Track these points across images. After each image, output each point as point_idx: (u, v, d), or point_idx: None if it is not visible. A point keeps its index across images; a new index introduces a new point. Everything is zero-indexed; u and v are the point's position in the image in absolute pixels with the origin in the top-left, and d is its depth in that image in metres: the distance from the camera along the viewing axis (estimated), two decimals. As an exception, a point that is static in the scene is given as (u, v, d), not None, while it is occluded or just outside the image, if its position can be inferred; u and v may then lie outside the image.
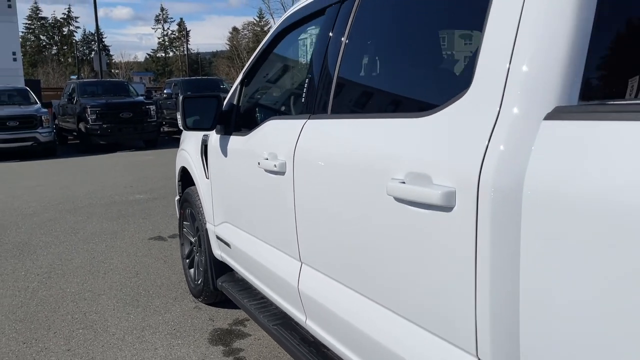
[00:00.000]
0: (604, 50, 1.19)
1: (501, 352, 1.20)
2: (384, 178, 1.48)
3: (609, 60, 1.21)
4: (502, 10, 1.24)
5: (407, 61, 1.81)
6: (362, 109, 1.95)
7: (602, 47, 1.16)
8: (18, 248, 5.19)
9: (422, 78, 1.70)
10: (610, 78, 1.22)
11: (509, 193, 1.13)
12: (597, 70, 1.17)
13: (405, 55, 1.83)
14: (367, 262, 1.65)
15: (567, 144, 1.05)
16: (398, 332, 1.52)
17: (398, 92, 1.80)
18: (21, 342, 3.18)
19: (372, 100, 1.95)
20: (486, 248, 1.19)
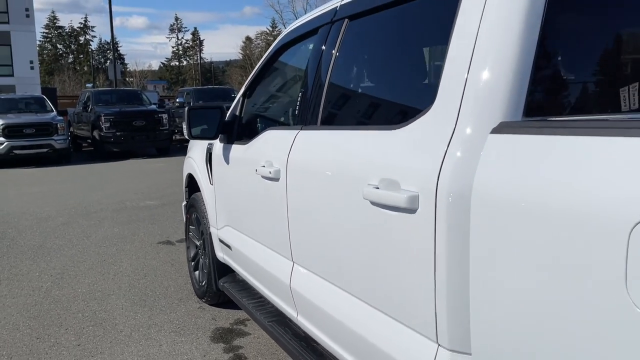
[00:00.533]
0: (545, 76, 1.35)
1: (456, 337, 1.36)
2: (361, 184, 1.65)
3: (550, 84, 1.38)
4: (459, 44, 1.42)
5: (384, 79, 1.99)
6: (345, 122, 2.13)
7: (543, 73, 1.33)
8: (33, 250, 5.42)
9: (395, 95, 1.89)
10: (550, 99, 1.39)
11: (460, 197, 1.29)
12: (539, 93, 1.33)
13: (382, 73, 2.01)
14: (346, 260, 1.82)
15: (508, 154, 1.21)
16: (373, 323, 1.68)
17: (375, 107, 1.99)
18: (35, 337, 3.37)
19: (354, 113, 2.13)
20: (442, 245, 1.35)
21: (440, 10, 1.56)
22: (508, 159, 1.20)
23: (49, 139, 13.26)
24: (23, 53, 31.21)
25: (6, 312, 3.81)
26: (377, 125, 1.82)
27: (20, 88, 28.46)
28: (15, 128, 13.00)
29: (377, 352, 1.65)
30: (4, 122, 12.97)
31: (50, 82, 58.66)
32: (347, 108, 2.18)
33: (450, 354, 1.38)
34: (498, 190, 1.19)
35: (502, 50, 1.30)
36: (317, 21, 2.36)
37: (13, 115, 13.70)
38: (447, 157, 1.36)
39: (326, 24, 2.25)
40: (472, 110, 1.34)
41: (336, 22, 2.17)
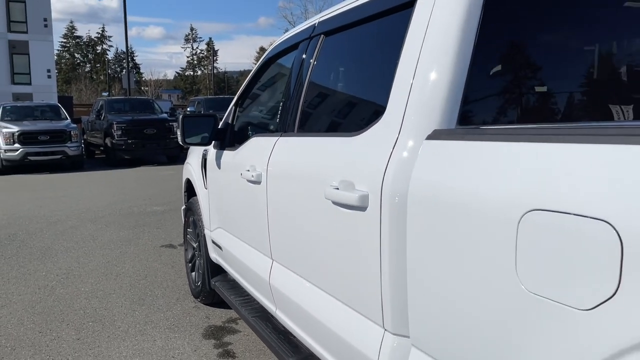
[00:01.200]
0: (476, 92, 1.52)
1: (398, 323, 1.52)
2: (324, 185, 1.82)
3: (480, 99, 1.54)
4: (405, 63, 1.60)
5: (349, 90, 2.16)
6: (317, 129, 2.30)
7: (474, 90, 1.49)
8: (41, 251, 5.64)
9: (357, 105, 2.06)
10: (481, 111, 1.55)
11: (400, 196, 1.46)
12: (470, 106, 1.50)
13: (348, 85, 2.19)
14: (313, 256, 1.98)
15: (436, 157, 1.37)
16: (335, 312, 1.84)
17: (341, 115, 2.16)
18: (37, 332, 3.57)
19: (324, 121, 2.31)
20: (386, 239, 1.51)
21: (393, 34, 1.74)
22: (435, 162, 1.37)
23: (62, 146, 13.60)
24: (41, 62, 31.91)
25: (12, 308, 4.01)
26: (341, 132, 1.99)
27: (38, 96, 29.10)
28: (30, 135, 13.36)
29: (338, 339, 1.81)
30: (19, 129, 13.34)
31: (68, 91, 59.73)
32: (319, 116, 2.36)
33: (393, 337, 1.54)
34: (426, 190, 1.35)
35: (439, 71, 1.47)
36: (298, 36, 2.54)
37: (28, 123, 14.07)
38: (390, 160, 1.52)
39: (305, 39, 2.43)
40: (412, 120, 1.50)
41: (314, 37, 2.35)
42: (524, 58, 1.63)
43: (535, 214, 1.05)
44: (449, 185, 1.29)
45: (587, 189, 0.96)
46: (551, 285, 1.01)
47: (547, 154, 1.07)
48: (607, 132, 1.01)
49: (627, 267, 0.88)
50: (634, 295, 0.87)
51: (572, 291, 0.97)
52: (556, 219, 1.00)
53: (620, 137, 0.96)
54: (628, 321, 0.87)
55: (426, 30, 1.56)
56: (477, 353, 1.22)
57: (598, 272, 0.92)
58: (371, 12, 1.92)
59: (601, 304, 0.92)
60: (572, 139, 1.04)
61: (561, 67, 1.62)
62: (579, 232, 0.96)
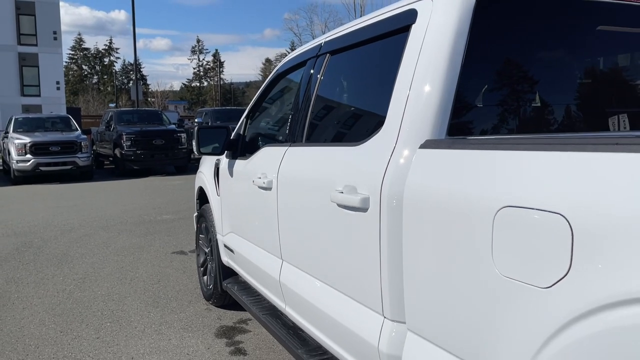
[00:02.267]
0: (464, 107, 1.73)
1: (396, 311, 1.72)
2: (330, 190, 2.03)
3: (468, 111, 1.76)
4: (401, 82, 1.82)
5: (353, 104, 2.38)
6: (324, 139, 2.51)
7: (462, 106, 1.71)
8: (57, 258, 5.86)
9: (360, 117, 2.28)
10: (468, 123, 1.76)
11: (396, 199, 1.66)
12: (459, 118, 1.71)
13: (353, 99, 2.41)
14: (320, 254, 2.19)
15: (427, 164, 1.58)
16: (340, 305, 2.04)
17: (346, 126, 2.38)
18: (59, 331, 3.77)
19: (329, 132, 2.52)
20: (385, 237, 1.72)
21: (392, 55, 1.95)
22: (427, 168, 1.57)
23: (73, 157, 13.89)
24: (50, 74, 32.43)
25: (33, 310, 4.22)
26: (346, 142, 2.20)
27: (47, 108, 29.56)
28: (41, 146, 13.66)
29: (343, 329, 2.01)
30: (31, 140, 13.65)
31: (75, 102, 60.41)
32: (326, 127, 2.57)
33: (392, 323, 1.74)
34: (418, 192, 1.56)
35: (430, 88, 1.69)
36: (306, 55, 2.76)
37: (40, 134, 14.39)
38: (388, 167, 1.73)
39: (312, 57, 2.65)
40: (407, 131, 1.72)
41: (320, 56, 2.58)
42: (505, 77, 1.84)
43: (507, 210, 1.25)
44: (438, 187, 1.50)
45: (547, 189, 1.17)
46: (519, 268, 1.22)
47: (518, 160, 1.28)
48: (566, 142, 1.21)
49: (577, 252, 1.08)
50: (582, 274, 1.07)
51: (535, 273, 1.17)
52: (523, 213, 1.21)
53: (575, 146, 1.16)
54: (578, 295, 1.07)
55: (419, 52, 1.77)
56: (461, 330, 1.41)
57: (554, 256, 1.12)
58: (373, 35, 2.15)
59: (557, 282, 1.12)
60: (538, 147, 1.25)
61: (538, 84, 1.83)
62: (540, 224, 1.16)
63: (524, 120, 1.82)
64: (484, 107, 1.82)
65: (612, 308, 1.00)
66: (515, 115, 1.84)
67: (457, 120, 1.70)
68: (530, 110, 1.85)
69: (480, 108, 1.81)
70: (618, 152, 1.06)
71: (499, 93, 1.84)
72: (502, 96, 1.83)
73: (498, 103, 1.83)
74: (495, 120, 1.82)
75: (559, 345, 1.10)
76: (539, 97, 1.84)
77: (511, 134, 1.77)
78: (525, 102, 1.85)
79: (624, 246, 0.99)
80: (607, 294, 1.01)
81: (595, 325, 1.03)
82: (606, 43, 1.97)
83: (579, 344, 1.05)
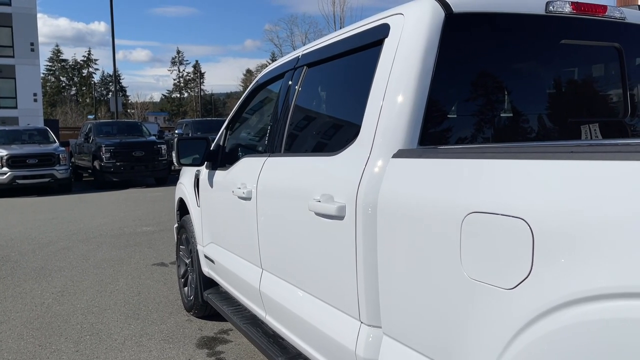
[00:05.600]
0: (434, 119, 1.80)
1: (372, 315, 1.76)
2: (308, 199, 2.07)
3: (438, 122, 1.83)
4: (374, 94, 1.88)
5: (329, 115, 2.44)
6: (301, 149, 2.56)
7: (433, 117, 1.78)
8: (35, 271, 5.80)
9: (336, 128, 2.34)
10: (439, 132, 1.83)
11: (370, 206, 1.72)
12: (430, 128, 1.78)
13: (329, 110, 2.47)
14: (299, 262, 2.23)
15: (400, 172, 1.64)
16: (318, 311, 2.08)
17: (322, 138, 2.44)
18: (37, 345, 3.74)
19: (307, 142, 2.57)
20: (360, 244, 1.77)
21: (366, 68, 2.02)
22: (399, 176, 1.64)
23: (51, 169, 13.73)
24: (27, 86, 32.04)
25: (11, 324, 4.18)
26: (323, 152, 2.26)
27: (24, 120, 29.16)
28: (18, 158, 13.48)
29: (321, 335, 2.05)
30: (7, 152, 13.46)
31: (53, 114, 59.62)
32: (303, 138, 2.62)
33: (369, 328, 1.78)
34: (391, 200, 1.62)
35: (402, 100, 1.76)
36: (284, 67, 2.82)
37: (17, 146, 14.20)
38: (363, 176, 1.79)
39: (290, 70, 2.71)
40: (381, 141, 1.78)
41: (298, 68, 2.64)
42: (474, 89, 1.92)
43: (473, 216, 1.31)
44: (409, 195, 1.56)
45: (510, 195, 1.23)
46: (485, 271, 1.28)
47: (482, 168, 1.35)
48: (527, 150, 1.28)
49: (537, 254, 1.14)
50: (542, 275, 1.13)
51: (500, 275, 1.23)
52: (488, 218, 1.27)
53: (535, 154, 1.23)
54: (539, 295, 1.13)
55: (392, 65, 1.84)
56: (434, 333, 1.47)
57: (517, 258, 1.19)
58: (348, 48, 2.21)
59: (520, 283, 1.18)
60: (501, 155, 1.32)
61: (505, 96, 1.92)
62: (504, 228, 1.22)
63: (492, 130, 1.90)
64: (454, 117, 1.89)
65: (571, 306, 1.06)
66: (484, 125, 1.92)
67: (428, 131, 1.77)
68: (498, 120, 1.93)
69: (451, 119, 1.89)
70: (573, 159, 1.13)
71: (468, 104, 1.92)
72: (471, 107, 1.91)
73: (468, 114, 1.91)
74: (464, 130, 1.90)
75: (524, 342, 1.16)
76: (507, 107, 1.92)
77: (480, 143, 1.84)
78: (494, 113, 1.93)
79: (581, 248, 1.06)
80: (566, 292, 1.08)
81: (556, 322, 1.09)
82: (569, 56, 2.06)
83: (541, 340, 1.12)
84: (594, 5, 2.03)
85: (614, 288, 0.99)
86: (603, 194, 1.04)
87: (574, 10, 1.98)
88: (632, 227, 0.97)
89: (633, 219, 0.97)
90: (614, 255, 1.00)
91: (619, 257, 0.99)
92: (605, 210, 1.03)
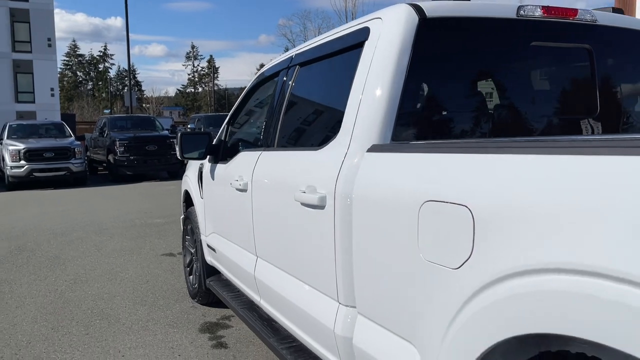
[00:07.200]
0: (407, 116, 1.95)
1: (348, 296, 1.92)
2: (295, 190, 2.23)
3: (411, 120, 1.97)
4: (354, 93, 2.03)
5: (317, 111, 2.60)
6: (292, 144, 2.72)
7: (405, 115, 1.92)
8: (50, 260, 6.04)
9: (322, 124, 2.50)
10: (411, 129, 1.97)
11: (347, 196, 1.87)
12: (403, 125, 1.92)
13: (316, 107, 2.63)
14: (286, 248, 2.40)
15: (372, 165, 1.79)
16: (303, 294, 2.25)
17: (310, 133, 2.59)
18: (50, 328, 3.96)
19: (297, 137, 2.73)
20: (338, 230, 1.93)
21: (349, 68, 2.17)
22: (371, 169, 1.79)
23: (66, 163, 14.07)
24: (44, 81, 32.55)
25: (26, 308, 4.41)
26: (310, 146, 2.42)
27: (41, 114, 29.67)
28: (35, 152, 13.84)
29: (305, 315, 2.21)
30: (25, 146, 13.82)
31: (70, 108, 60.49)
32: (294, 133, 2.78)
33: (346, 308, 1.94)
34: (364, 191, 1.77)
35: (377, 100, 1.91)
36: (280, 66, 2.98)
37: (34, 140, 14.56)
38: (341, 169, 1.94)
39: (285, 69, 2.87)
40: (358, 137, 1.93)
41: (291, 67, 2.79)
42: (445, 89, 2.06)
43: (428, 204, 1.46)
44: (379, 186, 1.71)
45: (457, 185, 1.38)
46: (437, 253, 1.43)
47: (437, 161, 1.50)
48: (476, 146, 1.43)
49: (477, 237, 1.29)
50: (481, 256, 1.28)
51: (448, 256, 1.38)
52: (439, 206, 1.42)
53: (478, 150, 1.38)
54: (479, 273, 1.28)
55: (369, 66, 1.99)
56: (398, 311, 1.62)
57: (461, 241, 1.34)
58: (334, 49, 2.36)
59: (463, 264, 1.33)
60: (452, 150, 1.47)
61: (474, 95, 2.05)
62: (451, 215, 1.37)
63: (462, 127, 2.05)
64: (427, 115, 2.04)
65: (504, 281, 1.21)
66: (454, 122, 2.06)
67: (401, 127, 1.91)
68: (467, 118, 2.07)
69: (423, 116, 2.03)
70: (506, 154, 1.27)
71: (440, 103, 2.06)
72: (443, 105, 2.06)
73: (439, 111, 2.05)
74: (436, 126, 2.04)
75: (468, 313, 1.31)
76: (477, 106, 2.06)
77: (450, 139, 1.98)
78: (464, 111, 2.07)
79: (511, 232, 1.21)
80: (500, 269, 1.22)
81: (493, 294, 1.24)
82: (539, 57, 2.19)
83: (482, 310, 1.27)
84: (564, 9, 2.16)
85: (536, 265, 1.14)
86: (529, 184, 1.19)
87: (545, 14, 2.11)
88: (548, 213, 1.12)
89: (549, 207, 1.12)
90: (536, 237, 1.14)
91: (540, 239, 1.13)
92: (530, 199, 1.17)
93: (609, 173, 1.04)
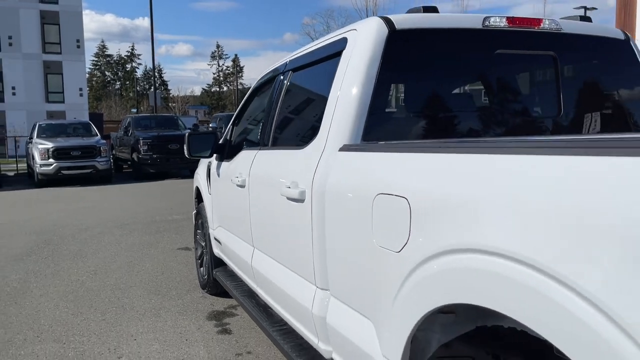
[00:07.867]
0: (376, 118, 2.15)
1: (323, 280, 2.14)
2: (280, 185, 2.46)
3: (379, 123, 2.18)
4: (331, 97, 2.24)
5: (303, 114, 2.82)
6: (282, 144, 2.95)
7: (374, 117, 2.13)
8: (73, 253, 6.40)
9: (306, 126, 2.72)
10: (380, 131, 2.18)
11: (321, 192, 2.09)
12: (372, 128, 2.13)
13: (303, 110, 2.85)
14: (275, 238, 2.63)
15: (342, 164, 2.01)
16: (287, 279, 2.48)
17: (297, 133, 2.82)
18: (70, 314, 4.27)
19: (287, 137, 2.96)
20: (315, 221, 2.15)
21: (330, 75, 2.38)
22: (340, 166, 2.00)
23: (92, 161, 14.59)
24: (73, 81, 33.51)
25: (49, 296, 4.74)
26: (296, 146, 2.64)
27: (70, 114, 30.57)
28: (63, 151, 14.39)
29: (290, 298, 2.44)
30: (53, 145, 14.38)
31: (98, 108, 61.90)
32: (285, 134, 3.01)
33: (321, 291, 2.16)
34: (334, 186, 1.99)
35: (349, 104, 2.12)
36: (276, 70, 3.21)
37: (62, 139, 15.12)
38: (318, 166, 2.16)
39: (280, 74, 3.10)
40: (333, 137, 2.15)
41: (285, 72, 3.02)
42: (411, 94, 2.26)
43: (380, 196, 1.67)
44: (345, 182, 1.93)
45: (400, 179, 1.59)
46: (385, 239, 1.64)
47: (389, 159, 1.71)
48: (422, 146, 1.63)
49: (413, 225, 1.50)
50: (416, 240, 1.49)
51: (392, 241, 1.59)
52: (386, 198, 1.63)
53: (423, 149, 1.59)
54: (415, 254, 1.49)
55: (345, 73, 2.20)
56: (358, 289, 1.84)
57: (400, 228, 1.54)
58: (319, 56, 2.58)
59: (403, 247, 1.54)
60: (401, 149, 1.67)
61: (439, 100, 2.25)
62: (394, 205, 1.58)
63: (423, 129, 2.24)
64: (395, 117, 2.24)
65: (433, 259, 1.42)
66: (419, 125, 2.26)
67: (371, 129, 2.12)
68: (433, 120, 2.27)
69: (392, 118, 2.24)
70: (441, 153, 1.48)
71: (407, 106, 2.26)
72: (410, 109, 2.26)
73: (407, 114, 2.25)
74: (403, 128, 2.25)
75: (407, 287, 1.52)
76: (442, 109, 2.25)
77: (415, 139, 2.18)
78: (430, 114, 2.27)
79: (438, 219, 1.41)
80: (432, 249, 1.43)
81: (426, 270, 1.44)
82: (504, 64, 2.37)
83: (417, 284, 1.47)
84: (529, 19, 2.34)
85: (458, 245, 1.34)
86: (451, 180, 1.39)
87: (509, 24, 2.29)
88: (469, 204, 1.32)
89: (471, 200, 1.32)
90: (461, 223, 1.34)
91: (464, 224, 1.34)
92: (456, 191, 1.37)
93: (504, 170, 1.24)
